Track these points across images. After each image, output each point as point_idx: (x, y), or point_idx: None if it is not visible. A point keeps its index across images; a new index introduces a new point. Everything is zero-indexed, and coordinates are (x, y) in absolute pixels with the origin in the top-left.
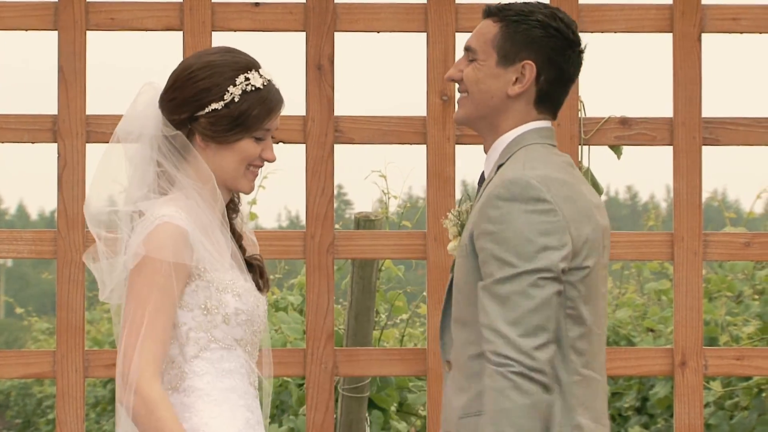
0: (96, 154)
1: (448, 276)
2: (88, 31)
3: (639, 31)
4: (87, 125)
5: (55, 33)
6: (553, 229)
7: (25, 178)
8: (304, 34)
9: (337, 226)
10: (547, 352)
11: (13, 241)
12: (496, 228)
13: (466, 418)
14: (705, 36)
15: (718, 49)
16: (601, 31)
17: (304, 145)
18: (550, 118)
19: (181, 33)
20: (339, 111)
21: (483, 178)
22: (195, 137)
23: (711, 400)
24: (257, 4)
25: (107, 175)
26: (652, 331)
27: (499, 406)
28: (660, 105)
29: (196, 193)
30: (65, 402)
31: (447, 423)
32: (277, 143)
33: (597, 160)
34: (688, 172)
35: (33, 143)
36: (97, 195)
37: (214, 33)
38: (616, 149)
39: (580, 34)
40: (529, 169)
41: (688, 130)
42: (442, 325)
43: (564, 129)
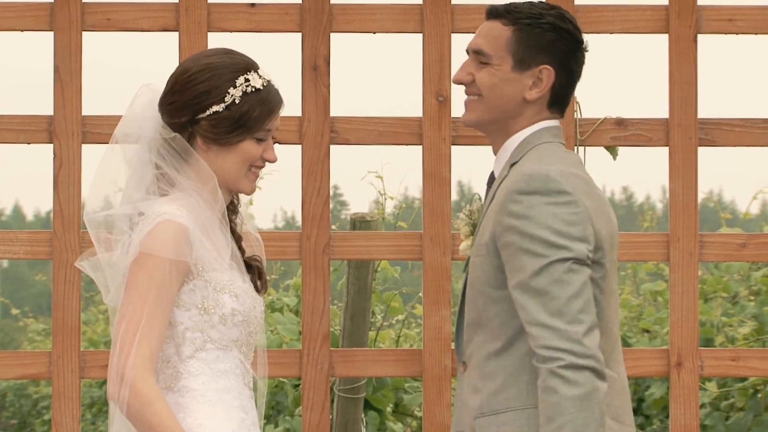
0: (92, 155)
1: (444, 277)
2: (83, 32)
3: (635, 32)
4: (83, 126)
5: (51, 33)
6: (577, 219)
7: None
8: (300, 34)
9: (333, 227)
10: (595, 337)
11: (8, 241)
12: (520, 222)
13: (482, 418)
14: (701, 37)
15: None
16: (597, 32)
17: (300, 145)
18: (559, 117)
19: (177, 34)
20: (335, 111)
21: (493, 178)
22: (196, 140)
23: (707, 401)
24: (253, 5)
25: (106, 178)
26: (648, 331)
27: (552, 404)
28: (656, 106)
29: (196, 194)
30: (61, 403)
31: (461, 423)
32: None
33: (593, 160)
34: (683, 172)
35: (29, 144)
36: (96, 198)
37: (210, 34)
38: (612, 150)
39: None
40: (547, 164)
41: (684, 131)
42: (457, 326)
43: None
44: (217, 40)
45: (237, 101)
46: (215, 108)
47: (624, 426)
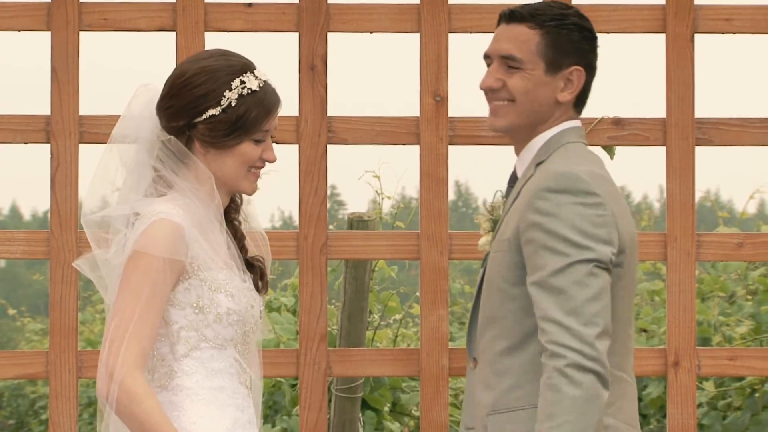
0: (89, 155)
1: (441, 276)
2: (80, 32)
3: (632, 32)
4: (80, 125)
5: (48, 33)
6: (603, 222)
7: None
8: (297, 34)
9: (330, 227)
10: (606, 343)
11: (5, 241)
12: (546, 219)
13: (495, 415)
14: (698, 36)
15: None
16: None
17: (297, 145)
18: (580, 115)
19: (174, 33)
20: (332, 111)
21: (515, 176)
22: (194, 143)
23: (704, 400)
24: (250, 5)
25: (104, 178)
26: (645, 331)
27: (553, 402)
28: (653, 105)
29: (193, 194)
30: (58, 402)
31: (471, 419)
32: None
33: None
34: (681, 172)
35: (26, 144)
36: (94, 199)
37: (207, 33)
38: (609, 149)
39: None
40: (576, 164)
41: (681, 131)
42: (470, 321)
43: None
44: (214, 40)
45: (233, 104)
46: (212, 111)
47: (636, 430)
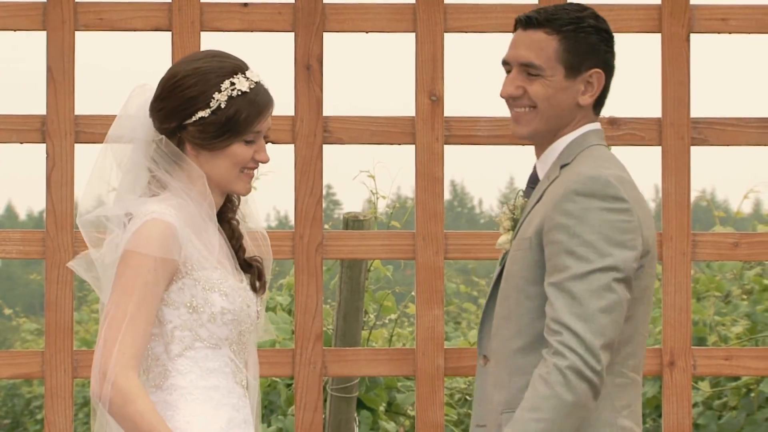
0: (85, 155)
1: (437, 276)
2: (76, 31)
3: (627, 32)
4: (76, 125)
5: (44, 33)
6: (629, 228)
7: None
8: (292, 34)
9: (325, 227)
10: (608, 356)
11: (1, 241)
12: (572, 222)
13: (509, 413)
14: (693, 36)
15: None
16: None
17: (293, 145)
18: (599, 116)
19: (169, 33)
20: (328, 111)
21: (535, 177)
22: (185, 145)
23: (699, 400)
24: (246, 5)
25: (100, 179)
26: None
27: (543, 396)
28: (648, 105)
29: (185, 194)
30: (54, 402)
31: (483, 418)
32: (265, 143)
33: None
34: (676, 172)
35: (21, 143)
36: (90, 199)
37: (202, 33)
38: None
39: None
40: (604, 168)
41: (677, 131)
42: (482, 319)
43: None
44: (209, 40)
45: (223, 105)
46: (201, 113)
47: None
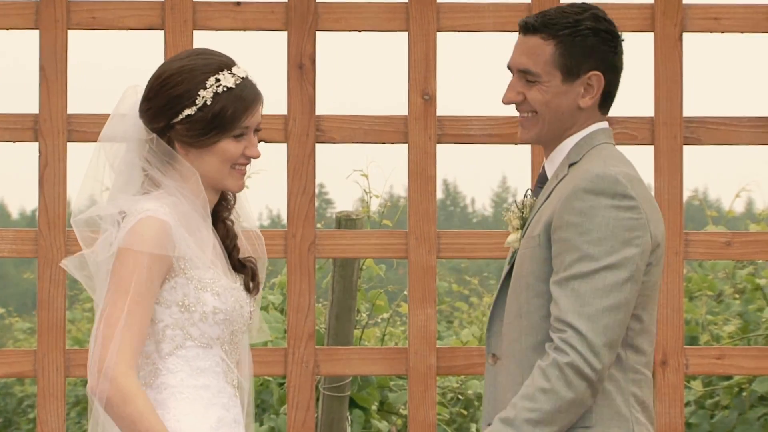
0: (77, 154)
1: (429, 275)
2: (69, 30)
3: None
4: (68, 124)
5: (36, 32)
6: (636, 225)
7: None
8: (285, 33)
9: (318, 225)
10: (612, 356)
11: None
12: (580, 219)
13: None
14: (686, 35)
15: (699, 48)
16: None
17: (286, 144)
18: (606, 115)
19: (162, 32)
20: (320, 110)
21: (544, 177)
22: (175, 144)
23: (692, 399)
24: (239, 3)
25: (95, 179)
26: None
27: (541, 390)
28: (641, 104)
29: (178, 192)
30: (46, 401)
31: (493, 416)
32: (258, 142)
33: None
34: (669, 171)
35: (14, 142)
36: (83, 198)
37: (195, 32)
38: None
39: None
40: (612, 165)
41: (670, 130)
42: (491, 317)
43: None
44: (202, 39)
45: (209, 102)
46: (188, 111)
47: (654, 428)
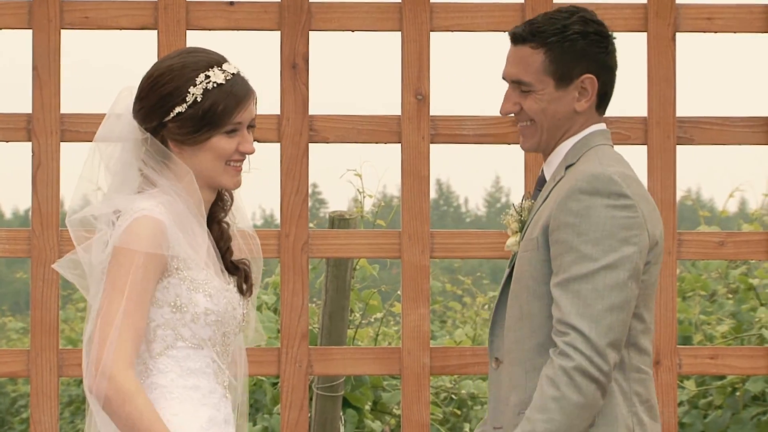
0: (70, 153)
1: (423, 275)
2: (62, 30)
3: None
4: (61, 124)
5: (30, 32)
6: (633, 224)
7: None
8: (278, 33)
9: (311, 225)
10: (616, 355)
11: None
12: (577, 220)
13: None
14: (679, 35)
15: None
16: None
17: (279, 144)
18: (603, 115)
19: (155, 32)
20: (314, 110)
21: (543, 179)
22: (168, 143)
23: (685, 399)
24: (232, 3)
25: (90, 179)
26: None
27: (551, 398)
28: (634, 104)
29: (173, 191)
30: (39, 401)
31: (499, 420)
32: (252, 139)
33: None
34: (662, 171)
35: (7, 142)
36: (77, 198)
37: (188, 32)
38: None
39: None
40: (607, 166)
41: (663, 130)
42: (493, 320)
43: None
44: (195, 38)
45: (199, 99)
46: (178, 109)
47: (659, 425)
